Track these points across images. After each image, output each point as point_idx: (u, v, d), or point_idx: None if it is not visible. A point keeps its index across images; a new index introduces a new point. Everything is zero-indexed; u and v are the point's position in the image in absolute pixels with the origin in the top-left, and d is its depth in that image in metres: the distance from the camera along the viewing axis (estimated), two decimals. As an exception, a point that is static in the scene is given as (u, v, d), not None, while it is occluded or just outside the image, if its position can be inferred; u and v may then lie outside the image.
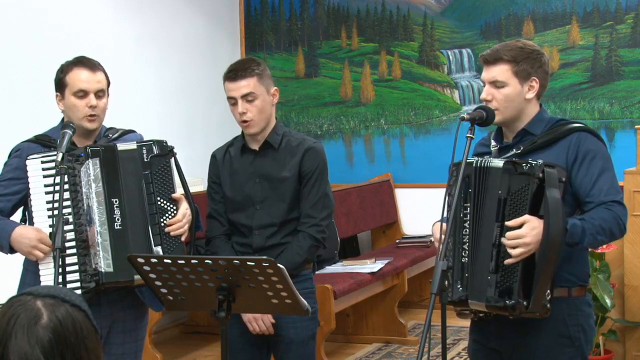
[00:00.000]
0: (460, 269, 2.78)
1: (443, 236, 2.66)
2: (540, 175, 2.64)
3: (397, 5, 7.23)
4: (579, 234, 2.66)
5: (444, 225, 2.75)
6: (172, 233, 3.05)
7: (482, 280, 2.72)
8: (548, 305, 2.66)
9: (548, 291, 2.65)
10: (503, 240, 2.66)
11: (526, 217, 2.64)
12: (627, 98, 6.56)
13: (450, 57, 7.10)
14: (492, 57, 2.85)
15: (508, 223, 2.66)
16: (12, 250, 3.05)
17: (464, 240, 2.79)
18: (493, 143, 2.94)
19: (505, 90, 2.83)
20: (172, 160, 3.13)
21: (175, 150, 3.14)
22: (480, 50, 6.89)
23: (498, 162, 2.75)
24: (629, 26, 6.52)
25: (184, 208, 3.10)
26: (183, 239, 3.09)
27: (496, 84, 2.84)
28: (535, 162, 2.67)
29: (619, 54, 6.55)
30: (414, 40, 7.21)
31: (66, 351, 1.51)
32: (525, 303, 2.64)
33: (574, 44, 6.69)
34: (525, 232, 2.62)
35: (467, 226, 2.78)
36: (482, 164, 2.78)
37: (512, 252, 2.64)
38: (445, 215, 2.76)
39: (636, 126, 5.18)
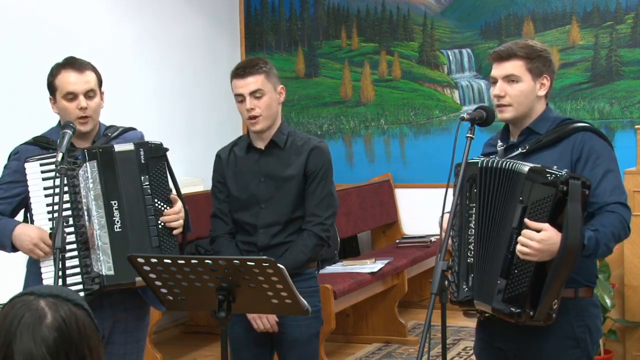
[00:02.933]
0: (466, 269, 2.77)
1: (444, 235, 2.65)
2: (565, 188, 2.59)
3: (397, 5, 7.23)
4: (593, 246, 2.63)
5: (444, 225, 2.75)
6: (167, 225, 3.05)
7: (491, 283, 2.71)
8: (554, 315, 2.64)
9: (555, 300, 2.63)
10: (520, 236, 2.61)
11: (546, 225, 2.58)
12: (627, 98, 6.55)
13: (450, 57, 7.09)
14: (505, 53, 2.86)
15: (528, 222, 2.60)
16: (14, 248, 3.05)
17: (470, 241, 2.78)
18: (499, 142, 2.93)
19: (519, 86, 2.83)
20: (165, 161, 3.13)
21: (167, 152, 3.14)
22: (481, 50, 6.90)
23: (523, 167, 2.69)
24: (629, 26, 6.52)
25: (179, 205, 3.11)
26: (176, 232, 3.09)
27: (510, 78, 2.84)
28: (560, 173, 2.60)
29: (619, 54, 6.55)
30: (414, 40, 7.21)
31: (70, 350, 1.52)
32: (531, 313, 2.63)
33: (574, 44, 6.68)
34: (540, 238, 2.57)
35: (473, 226, 2.78)
36: (493, 165, 2.77)
37: (520, 248, 2.60)
38: (447, 213, 2.75)
39: (636, 126, 5.18)
